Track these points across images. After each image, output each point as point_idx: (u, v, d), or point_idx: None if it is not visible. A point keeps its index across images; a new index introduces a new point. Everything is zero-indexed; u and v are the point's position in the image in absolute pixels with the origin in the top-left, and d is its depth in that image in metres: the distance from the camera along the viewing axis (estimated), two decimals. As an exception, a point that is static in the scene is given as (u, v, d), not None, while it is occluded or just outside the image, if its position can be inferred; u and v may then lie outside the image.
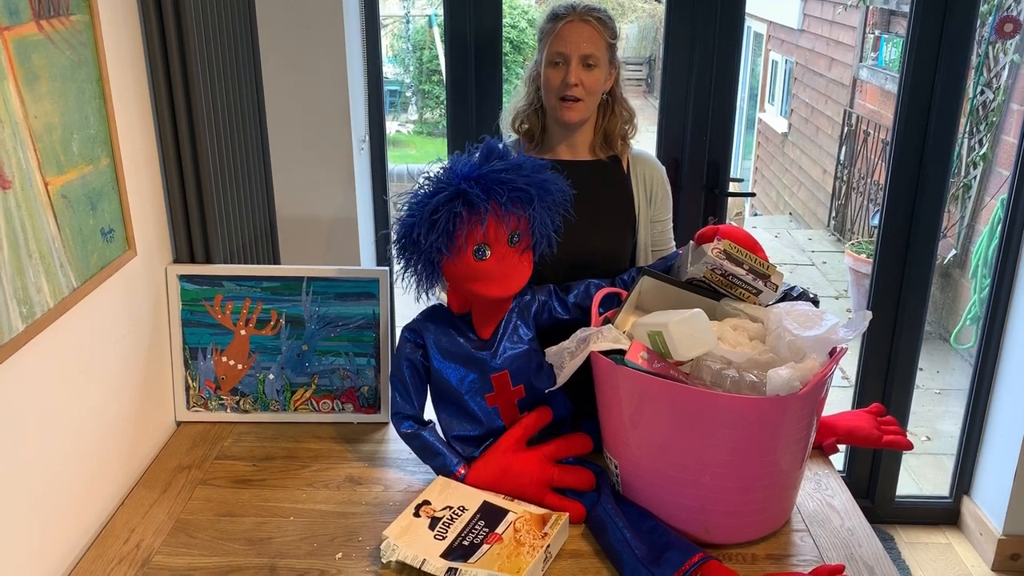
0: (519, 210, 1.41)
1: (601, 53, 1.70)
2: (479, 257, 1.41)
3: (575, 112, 1.71)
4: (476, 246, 1.41)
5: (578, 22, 1.69)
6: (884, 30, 5.95)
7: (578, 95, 1.69)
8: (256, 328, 1.75)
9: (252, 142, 1.90)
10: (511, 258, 1.44)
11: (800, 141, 7.48)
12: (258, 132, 1.93)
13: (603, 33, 1.71)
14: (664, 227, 1.87)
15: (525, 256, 1.48)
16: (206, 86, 1.68)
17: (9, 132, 1.17)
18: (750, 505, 1.38)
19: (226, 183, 1.78)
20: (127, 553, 1.38)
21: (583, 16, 1.70)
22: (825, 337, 1.33)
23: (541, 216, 1.44)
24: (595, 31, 1.70)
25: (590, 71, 1.69)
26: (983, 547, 2.73)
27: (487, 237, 1.40)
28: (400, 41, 10.10)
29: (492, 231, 1.40)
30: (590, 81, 1.70)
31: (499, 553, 1.31)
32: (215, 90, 1.71)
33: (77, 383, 1.41)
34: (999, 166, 4.26)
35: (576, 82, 1.68)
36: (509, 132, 1.87)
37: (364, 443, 1.71)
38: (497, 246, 1.42)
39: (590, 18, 1.70)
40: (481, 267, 1.42)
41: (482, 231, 1.39)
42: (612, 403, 1.41)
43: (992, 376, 2.69)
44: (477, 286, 1.44)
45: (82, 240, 1.38)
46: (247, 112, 1.87)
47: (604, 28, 1.71)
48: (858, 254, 4.96)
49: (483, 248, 1.41)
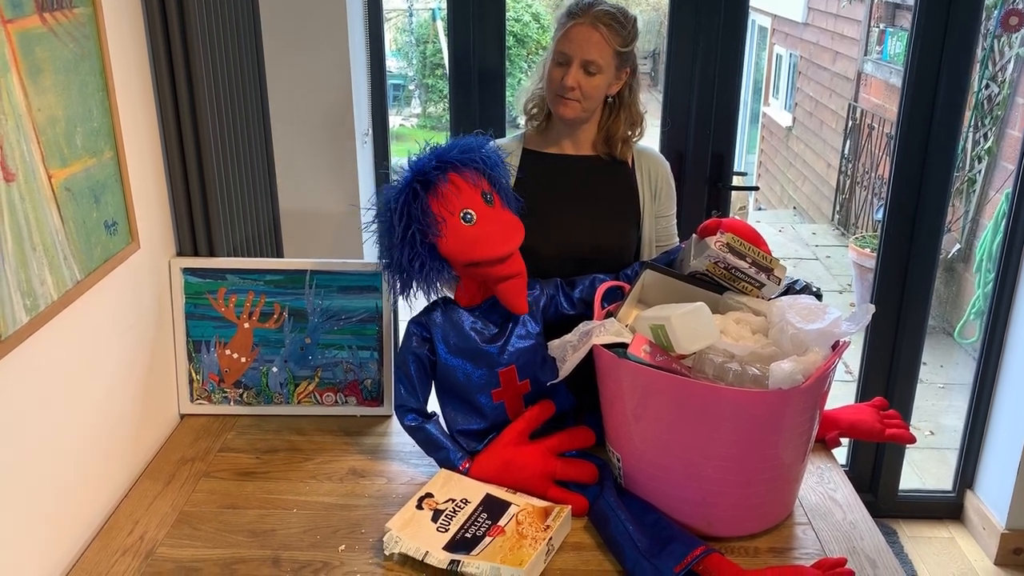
0: (472, 164, 1.46)
1: (606, 61, 1.65)
2: (467, 221, 1.43)
3: (570, 110, 1.69)
4: (461, 212, 1.43)
5: (588, 26, 1.64)
6: (889, 24, 5.93)
7: (575, 97, 1.67)
8: (259, 321, 1.75)
9: (255, 135, 1.90)
10: (495, 214, 1.47)
11: (804, 135, 7.46)
12: (261, 125, 1.93)
13: (612, 41, 1.64)
14: (668, 222, 1.87)
15: (506, 211, 1.51)
16: (209, 79, 1.68)
17: (13, 125, 1.17)
18: (752, 498, 1.38)
19: (229, 176, 1.79)
20: (131, 545, 1.39)
21: (595, 20, 1.64)
22: (828, 331, 1.33)
23: (491, 167, 1.49)
24: (603, 38, 1.64)
25: (590, 77, 1.65)
26: (986, 541, 2.73)
27: (462, 200, 1.43)
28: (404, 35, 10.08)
29: (466, 194, 1.43)
30: (588, 87, 1.66)
31: (501, 545, 1.31)
32: (218, 83, 1.71)
33: (81, 376, 1.41)
34: (1004, 160, 4.24)
35: (573, 85, 1.65)
36: (520, 115, 1.86)
37: (367, 436, 1.71)
38: (476, 207, 1.44)
39: (601, 24, 1.63)
40: (474, 230, 1.44)
41: (457, 196, 1.42)
42: (615, 396, 1.41)
43: (996, 371, 2.68)
44: (479, 251, 1.44)
45: (85, 233, 1.38)
46: (250, 105, 1.87)
47: (615, 35, 1.64)
48: (862, 248, 4.95)
49: (467, 212, 1.43)
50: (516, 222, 1.51)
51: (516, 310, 1.52)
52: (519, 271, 1.51)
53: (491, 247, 1.45)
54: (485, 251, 1.44)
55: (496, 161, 1.52)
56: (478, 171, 1.47)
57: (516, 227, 1.50)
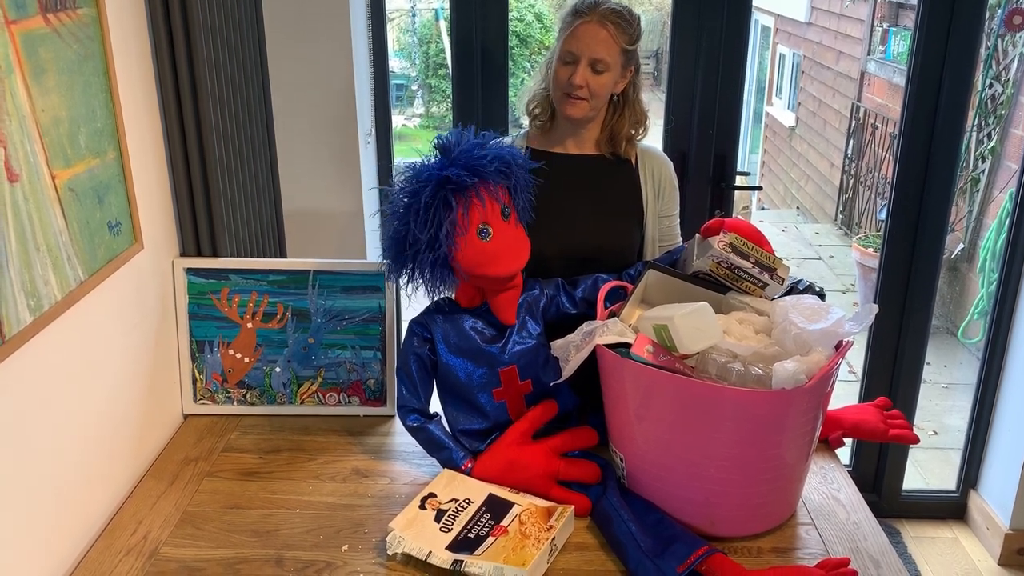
0: (503, 179, 1.44)
1: (613, 59, 1.66)
2: (483, 237, 1.42)
3: (577, 109, 1.70)
4: (480, 226, 1.41)
5: (595, 24, 1.65)
6: (892, 23, 5.92)
7: (583, 95, 1.67)
8: (263, 321, 1.76)
9: (259, 135, 1.90)
10: (510, 231, 1.46)
11: (807, 135, 7.46)
12: (264, 125, 1.93)
13: (619, 38, 1.65)
14: (671, 222, 1.87)
15: (519, 226, 1.50)
16: (213, 80, 1.68)
17: (16, 125, 1.18)
18: (755, 498, 1.38)
19: (233, 177, 1.79)
20: (135, 544, 1.39)
21: (602, 18, 1.65)
22: (831, 330, 1.33)
23: (520, 180, 1.46)
24: (610, 35, 1.65)
25: (598, 75, 1.66)
26: (990, 542, 2.72)
27: (485, 215, 1.41)
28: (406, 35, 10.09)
29: (489, 208, 1.42)
30: (596, 85, 1.67)
31: (504, 545, 1.31)
32: (222, 84, 1.72)
33: (84, 376, 1.41)
34: (1008, 160, 4.23)
35: (581, 84, 1.66)
36: (522, 115, 1.86)
37: (370, 436, 1.71)
38: (495, 222, 1.43)
39: (608, 22, 1.65)
40: (489, 247, 1.43)
41: (481, 209, 1.40)
42: (618, 396, 1.41)
43: (999, 371, 2.68)
44: (490, 268, 1.45)
45: (89, 233, 1.38)
46: (254, 106, 1.87)
47: (621, 33, 1.66)
48: (865, 248, 4.94)
49: (486, 227, 1.42)
50: (524, 240, 1.51)
51: (505, 321, 1.54)
52: (516, 284, 1.53)
53: (502, 265, 1.46)
54: (496, 269, 1.45)
55: (524, 183, 1.50)
56: (506, 185, 1.46)
57: (524, 245, 1.50)
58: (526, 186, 1.51)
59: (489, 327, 1.55)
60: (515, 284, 1.53)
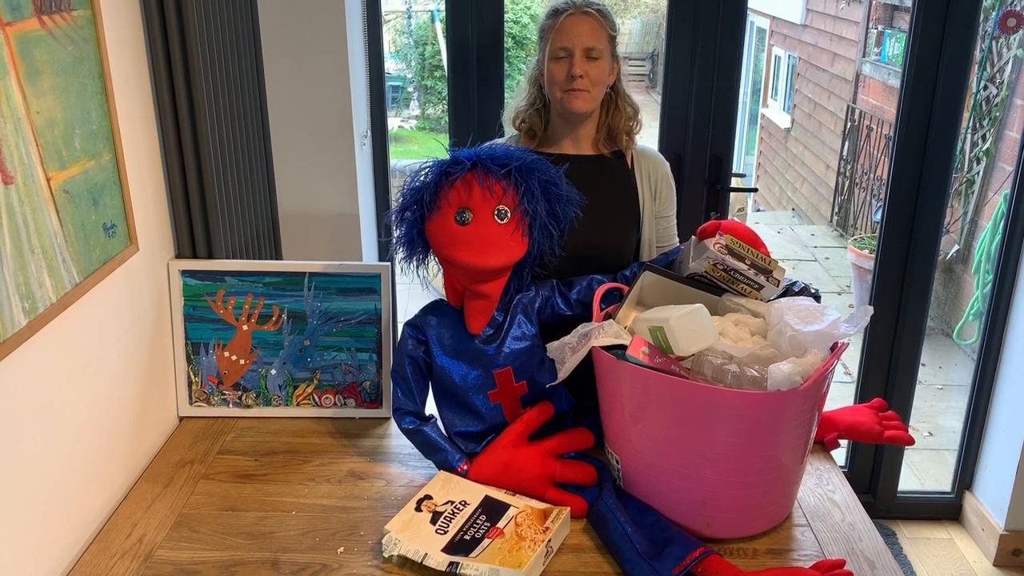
0: (504, 181, 1.42)
1: (603, 45, 1.71)
2: (460, 221, 1.42)
3: (581, 100, 1.71)
4: (458, 209, 1.41)
5: (579, 15, 1.70)
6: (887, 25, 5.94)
7: (584, 86, 1.70)
8: (258, 323, 1.75)
9: (254, 137, 1.90)
10: (493, 230, 1.42)
11: (803, 136, 7.47)
12: (260, 127, 1.93)
13: (604, 26, 1.72)
14: (668, 223, 1.87)
15: (514, 236, 1.44)
16: (208, 81, 1.68)
17: (11, 127, 1.17)
18: (751, 500, 1.38)
19: (228, 178, 1.79)
20: (130, 547, 1.39)
21: (583, 9, 1.71)
22: (826, 332, 1.33)
23: (530, 190, 1.43)
24: (597, 23, 1.70)
25: (594, 63, 1.70)
26: (985, 543, 2.73)
27: (469, 201, 1.41)
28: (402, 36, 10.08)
29: (476, 197, 1.41)
30: (595, 72, 1.70)
31: (500, 547, 1.31)
32: (217, 86, 1.72)
33: (79, 378, 1.41)
34: (1002, 161, 4.25)
35: (581, 73, 1.68)
36: (511, 129, 1.87)
37: (366, 438, 1.71)
38: (480, 213, 1.42)
39: (590, 11, 1.71)
40: (460, 231, 1.42)
41: (464, 194, 1.40)
42: (613, 398, 1.41)
43: (994, 372, 2.69)
44: (453, 251, 1.43)
45: (84, 235, 1.38)
46: (249, 107, 1.87)
47: (605, 21, 1.72)
48: (861, 250, 4.95)
49: (464, 212, 1.41)
50: (510, 247, 1.44)
51: (469, 328, 1.53)
52: (489, 295, 1.50)
53: (464, 253, 1.42)
54: (459, 254, 1.42)
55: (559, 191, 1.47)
56: (515, 192, 1.43)
57: (504, 250, 1.44)
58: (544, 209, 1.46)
59: (484, 328, 1.55)
60: (487, 294, 1.50)
